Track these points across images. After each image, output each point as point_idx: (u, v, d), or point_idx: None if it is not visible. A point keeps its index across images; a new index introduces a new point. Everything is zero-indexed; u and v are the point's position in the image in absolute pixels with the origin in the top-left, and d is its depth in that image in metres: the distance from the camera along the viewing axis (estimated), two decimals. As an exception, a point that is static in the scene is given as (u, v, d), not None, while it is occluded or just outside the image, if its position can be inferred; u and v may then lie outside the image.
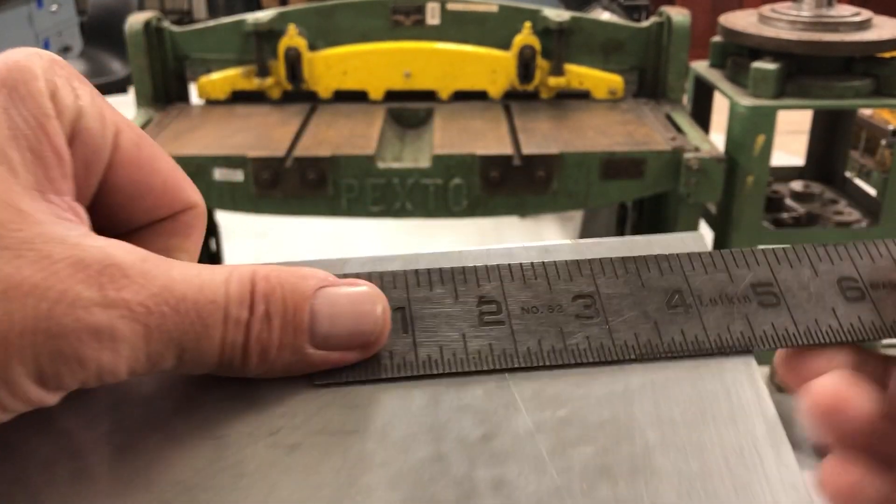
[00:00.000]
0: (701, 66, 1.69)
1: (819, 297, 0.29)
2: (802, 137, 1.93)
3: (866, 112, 1.81)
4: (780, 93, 1.46)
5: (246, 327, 0.24)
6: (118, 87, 2.93)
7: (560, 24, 1.59)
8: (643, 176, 1.41)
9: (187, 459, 0.24)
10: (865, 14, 1.51)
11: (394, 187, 1.42)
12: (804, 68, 1.48)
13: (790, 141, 2.68)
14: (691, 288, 0.29)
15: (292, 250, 2.74)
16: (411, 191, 1.42)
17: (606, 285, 0.29)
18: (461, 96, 1.67)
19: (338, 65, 1.64)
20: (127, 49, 1.60)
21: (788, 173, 1.81)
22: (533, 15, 1.62)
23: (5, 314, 0.21)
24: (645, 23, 1.65)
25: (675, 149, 1.40)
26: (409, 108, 1.64)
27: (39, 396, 0.22)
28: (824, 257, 0.30)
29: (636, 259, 0.30)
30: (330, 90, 1.66)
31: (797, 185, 1.69)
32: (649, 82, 1.68)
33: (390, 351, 0.27)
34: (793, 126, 2.58)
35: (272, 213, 1.47)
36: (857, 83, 1.46)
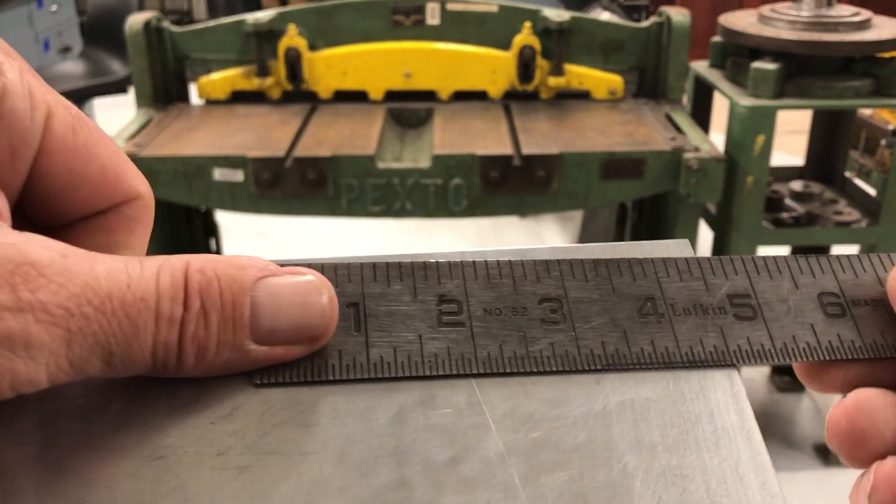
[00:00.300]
0: (701, 66, 1.69)
1: (798, 312, 0.27)
2: (802, 137, 1.93)
3: (866, 112, 1.81)
4: (780, 93, 1.46)
5: (180, 325, 0.22)
6: (118, 87, 2.93)
7: (560, 24, 1.59)
8: (643, 176, 1.41)
9: (126, 482, 0.22)
10: (865, 14, 1.51)
11: (394, 187, 1.42)
12: (804, 68, 1.49)
13: (790, 141, 2.68)
14: (665, 296, 0.27)
15: (292, 250, 2.74)
16: (411, 191, 1.42)
17: (575, 289, 0.27)
18: (461, 96, 1.67)
19: (338, 65, 1.64)
20: (127, 49, 1.60)
21: (788, 173, 1.81)
22: (533, 15, 1.62)
23: None
24: (645, 23, 1.65)
25: (675, 149, 1.40)
26: (409, 108, 1.64)
27: None
28: (806, 270, 0.28)
29: (608, 262, 0.28)
30: (330, 90, 1.66)
31: (797, 185, 1.69)
32: (649, 82, 1.68)
33: (339, 350, 0.25)
34: (793, 126, 2.57)
35: (272, 213, 1.47)
36: (857, 83, 1.46)
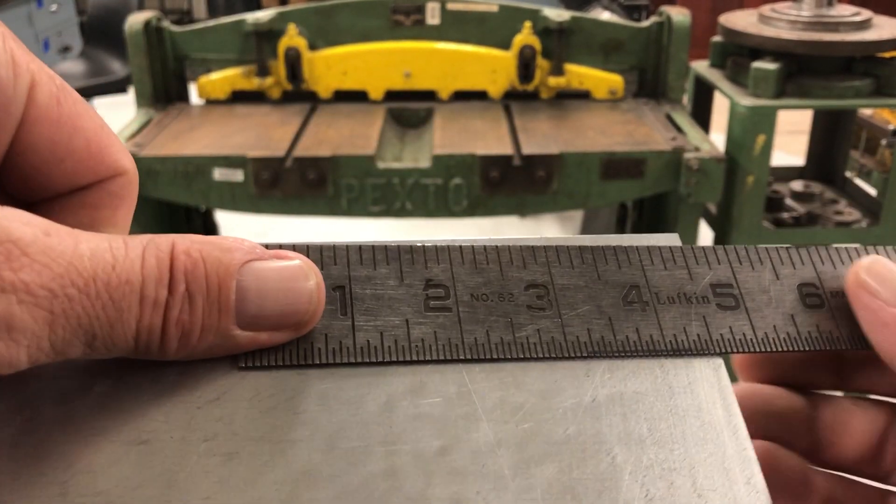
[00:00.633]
0: (701, 66, 1.68)
1: (779, 302, 0.28)
2: (802, 137, 1.93)
3: (866, 112, 1.81)
4: (781, 93, 1.45)
5: (164, 309, 0.21)
6: (118, 87, 2.93)
7: (560, 24, 1.59)
8: (643, 176, 1.41)
9: (109, 467, 0.21)
10: (865, 14, 1.51)
11: (394, 187, 1.42)
12: (804, 68, 1.48)
13: (790, 141, 2.68)
14: (649, 284, 0.28)
15: (292, 250, 2.73)
16: (411, 191, 1.42)
17: (561, 275, 0.27)
18: (461, 96, 1.67)
19: (338, 65, 1.64)
20: (127, 49, 1.60)
21: (788, 173, 1.81)
22: (533, 15, 1.62)
23: None
24: (645, 22, 1.65)
25: (676, 149, 1.40)
26: (409, 108, 1.64)
27: None
28: (786, 260, 0.29)
29: (593, 249, 0.28)
30: (330, 90, 1.66)
31: (797, 185, 1.68)
32: (649, 82, 1.68)
33: (325, 334, 0.25)
34: (793, 126, 2.57)
35: (272, 213, 1.47)
36: (858, 83, 1.46)
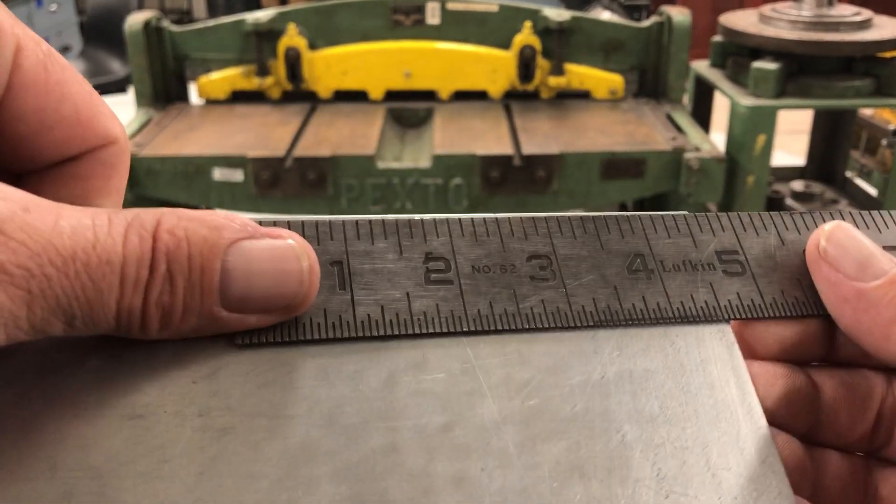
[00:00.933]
0: (701, 66, 1.68)
1: (786, 267, 0.27)
2: (803, 137, 1.92)
3: (867, 112, 1.81)
4: (781, 93, 1.45)
5: (145, 289, 0.21)
6: (118, 87, 2.93)
7: (560, 24, 1.59)
8: (644, 176, 1.41)
9: (101, 441, 0.21)
10: (866, 14, 1.51)
11: (394, 187, 1.42)
12: (805, 68, 1.48)
13: (791, 141, 2.68)
14: (653, 252, 0.27)
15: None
16: (411, 191, 1.42)
17: (563, 246, 0.27)
18: (461, 96, 1.67)
19: (338, 64, 1.63)
20: (127, 49, 1.60)
21: (789, 173, 1.81)
22: (533, 14, 1.62)
23: None
24: (645, 22, 1.65)
25: (676, 149, 1.40)
26: (409, 108, 1.64)
27: None
28: (791, 226, 0.29)
29: (595, 219, 0.28)
30: (330, 90, 1.66)
31: (798, 185, 1.68)
32: (650, 82, 1.68)
33: (324, 309, 0.24)
34: (793, 126, 2.57)
35: (272, 213, 1.46)
36: (858, 83, 1.46)
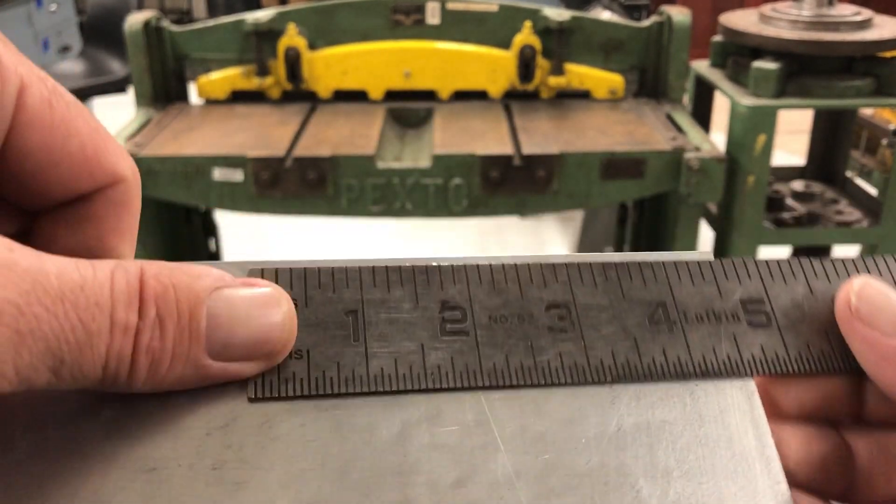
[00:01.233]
0: (701, 66, 1.68)
1: (813, 318, 0.26)
2: (803, 137, 1.92)
3: (867, 112, 1.81)
4: (781, 92, 1.45)
5: (135, 334, 0.20)
6: (118, 87, 2.92)
7: (560, 24, 1.59)
8: (644, 176, 1.41)
9: (114, 494, 0.21)
10: (866, 14, 1.51)
11: (394, 187, 1.42)
12: (805, 68, 1.48)
13: (791, 141, 2.68)
14: (676, 301, 0.26)
15: (292, 250, 2.74)
16: (411, 191, 1.42)
17: (583, 294, 0.26)
18: (461, 96, 1.67)
19: (338, 64, 1.63)
20: (126, 49, 1.60)
21: (789, 173, 1.81)
22: (533, 14, 1.62)
23: None
24: (645, 22, 1.65)
25: (676, 148, 1.40)
26: (409, 108, 1.64)
27: None
28: (821, 273, 0.27)
29: (617, 266, 0.27)
30: (330, 90, 1.66)
31: (798, 185, 1.68)
32: (650, 82, 1.68)
33: (337, 362, 0.24)
34: (793, 126, 2.57)
35: (272, 213, 1.46)
36: (858, 83, 1.46)
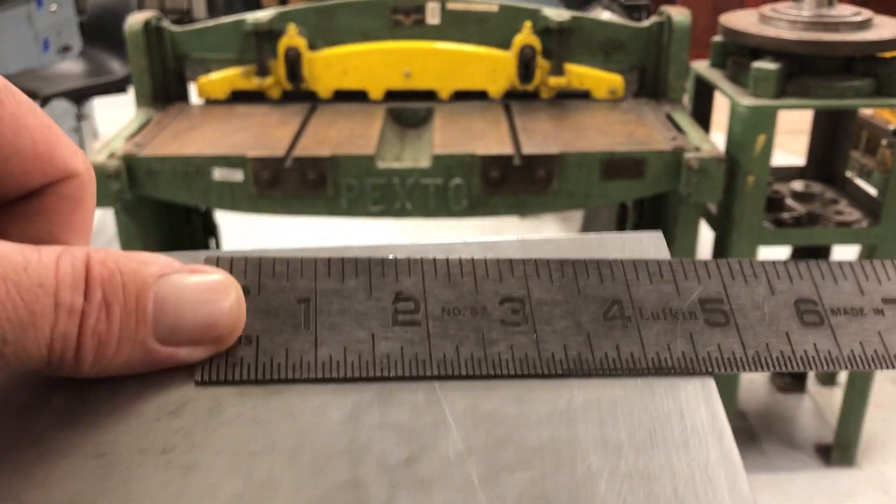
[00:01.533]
0: (701, 66, 1.68)
1: (773, 319, 0.26)
2: (803, 137, 1.92)
3: (867, 112, 1.81)
4: (781, 93, 1.45)
5: (80, 317, 0.21)
6: (118, 87, 2.92)
7: (560, 24, 1.59)
8: (644, 176, 1.41)
9: (64, 480, 0.21)
10: (866, 14, 1.51)
11: (394, 187, 1.42)
12: (805, 68, 1.48)
13: (790, 141, 2.68)
14: (633, 299, 0.26)
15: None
16: (411, 191, 1.42)
17: (539, 289, 0.26)
18: (461, 96, 1.67)
19: (338, 64, 1.63)
20: (127, 49, 1.60)
21: (789, 173, 1.81)
22: (533, 14, 1.62)
23: None
24: (645, 22, 1.65)
25: (676, 148, 1.40)
26: (409, 108, 1.64)
27: None
28: (783, 274, 0.27)
29: (574, 262, 0.27)
30: (330, 90, 1.66)
31: (798, 185, 1.68)
32: (650, 82, 1.68)
33: (286, 348, 0.24)
34: (793, 126, 2.57)
35: (272, 213, 1.46)
36: (858, 83, 1.46)
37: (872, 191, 1.68)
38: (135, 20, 1.58)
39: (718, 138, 1.53)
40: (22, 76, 2.84)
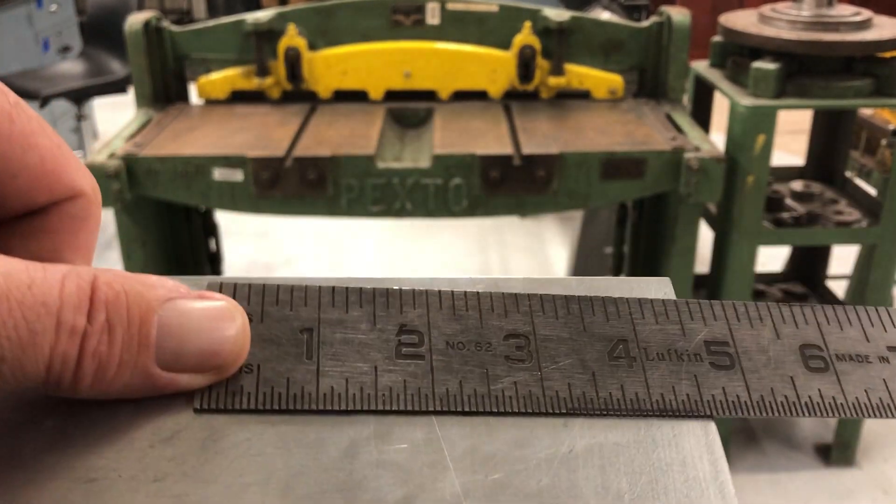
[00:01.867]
0: (701, 66, 1.68)
1: (778, 364, 0.26)
2: (802, 137, 1.93)
3: (866, 112, 1.81)
4: (781, 93, 1.45)
5: (82, 338, 0.20)
6: (118, 87, 2.92)
7: (560, 24, 1.59)
8: (643, 176, 1.41)
9: None
10: (865, 14, 1.51)
11: (394, 187, 1.42)
12: (804, 68, 1.48)
13: (790, 141, 2.68)
14: (638, 338, 0.26)
15: (292, 250, 2.74)
16: (411, 191, 1.42)
17: (544, 326, 0.26)
18: (461, 96, 1.67)
19: (338, 65, 1.64)
20: (127, 49, 1.60)
21: (789, 173, 1.81)
22: (533, 15, 1.62)
23: None
24: (645, 22, 1.65)
25: (676, 149, 1.40)
26: (409, 108, 1.64)
27: None
28: (788, 319, 0.27)
29: (580, 299, 0.27)
30: (330, 90, 1.66)
31: (797, 185, 1.68)
32: (649, 82, 1.68)
33: (287, 378, 0.24)
34: (793, 126, 2.57)
35: (272, 213, 1.47)
36: (858, 83, 1.46)
37: (872, 191, 1.68)
38: (135, 20, 1.58)
39: (718, 138, 1.54)
40: (22, 76, 2.84)
